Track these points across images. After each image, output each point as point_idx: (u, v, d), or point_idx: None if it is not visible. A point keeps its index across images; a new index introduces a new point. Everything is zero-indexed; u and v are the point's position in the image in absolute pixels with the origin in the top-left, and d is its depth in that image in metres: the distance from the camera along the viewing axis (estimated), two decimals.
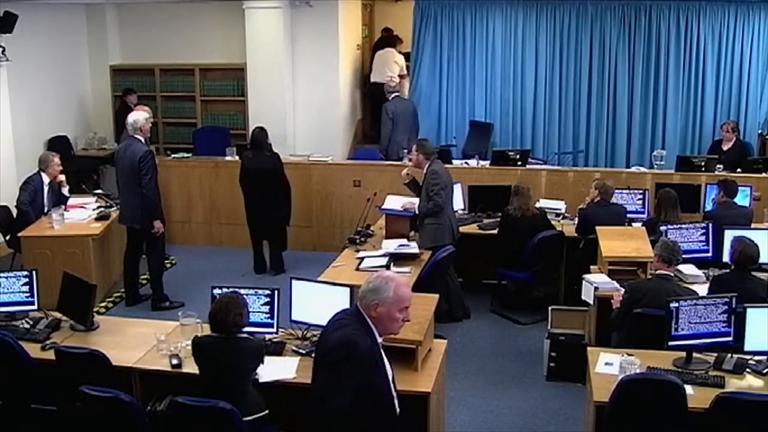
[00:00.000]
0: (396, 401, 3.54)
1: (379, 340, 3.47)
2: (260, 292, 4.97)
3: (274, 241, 8.46)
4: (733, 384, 4.47)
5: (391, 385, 3.53)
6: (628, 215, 7.31)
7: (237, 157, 9.11)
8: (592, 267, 6.33)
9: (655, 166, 8.95)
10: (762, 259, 5.57)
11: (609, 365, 4.59)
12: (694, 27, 10.19)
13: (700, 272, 6.04)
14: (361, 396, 3.32)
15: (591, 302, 5.83)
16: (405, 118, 9.90)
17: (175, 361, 4.69)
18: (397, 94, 9.98)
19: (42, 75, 10.03)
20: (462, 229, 7.31)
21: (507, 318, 7.34)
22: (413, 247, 6.67)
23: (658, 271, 5.23)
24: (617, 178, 8.09)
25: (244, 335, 4.34)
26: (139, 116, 7.29)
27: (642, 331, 4.96)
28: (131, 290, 7.60)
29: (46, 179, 7.76)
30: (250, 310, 4.63)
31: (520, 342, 6.88)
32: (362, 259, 6.47)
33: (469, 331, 7.04)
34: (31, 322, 5.28)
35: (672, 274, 5.29)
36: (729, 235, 5.89)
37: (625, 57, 10.36)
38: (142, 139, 7.22)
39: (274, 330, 5.00)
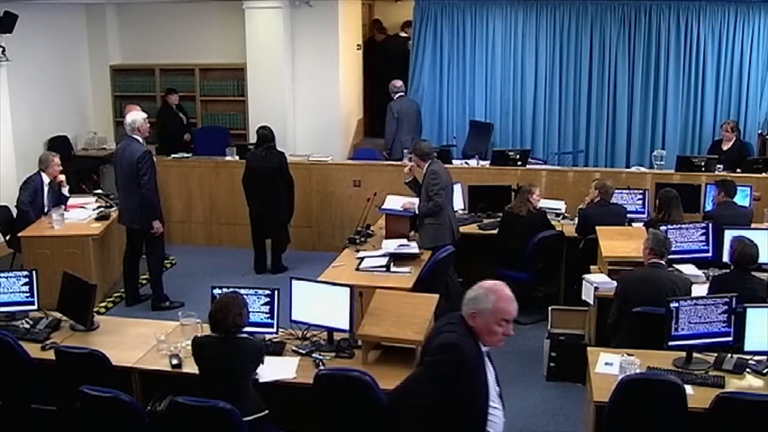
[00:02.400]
0: (500, 412, 3.42)
1: (484, 349, 3.40)
2: (260, 292, 4.98)
3: (276, 240, 8.46)
4: (733, 384, 4.47)
5: (492, 396, 3.40)
6: (628, 215, 7.31)
7: (237, 157, 9.12)
8: (592, 267, 6.34)
9: (655, 166, 8.94)
10: (762, 259, 5.56)
11: (609, 365, 4.59)
12: (694, 27, 10.17)
13: (700, 272, 6.03)
14: (451, 401, 3.26)
15: (591, 302, 5.83)
16: (409, 117, 9.93)
17: (175, 361, 4.70)
18: (401, 93, 10.01)
19: (42, 75, 10.02)
20: (462, 229, 7.30)
21: None
22: (413, 247, 6.66)
23: (650, 260, 5.24)
24: (617, 178, 8.10)
25: (244, 335, 4.34)
26: (138, 116, 7.30)
27: (642, 331, 4.96)
28: (131, 290, 7.60)
29: (46, 179, 7.75)
30: (250, 310, 4.63)
31: (520, 342, 6.85)
32: (362, 259, 6.47)
33: None
34: (31, 322, 5.28)
35: (663, 263, 5.29)
36: (729, 235, 5.88)
37: (625, 57, 10.34)
38: (141, 139, 7.22)
39: (274, 330, 5.00)
